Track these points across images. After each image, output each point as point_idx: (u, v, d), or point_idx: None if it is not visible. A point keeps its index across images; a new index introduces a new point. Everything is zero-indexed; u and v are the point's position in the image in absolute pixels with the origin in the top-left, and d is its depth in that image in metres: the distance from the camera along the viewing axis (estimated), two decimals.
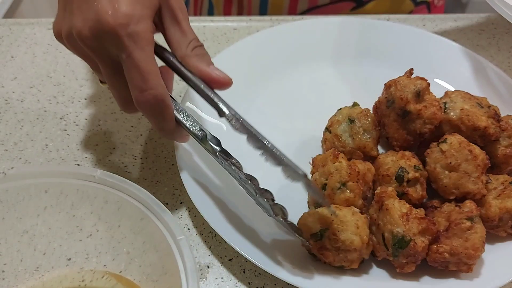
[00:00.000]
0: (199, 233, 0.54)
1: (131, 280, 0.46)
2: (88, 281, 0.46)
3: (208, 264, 0.52)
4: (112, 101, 0.68)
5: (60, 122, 0.65)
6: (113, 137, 0.64)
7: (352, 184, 0.50)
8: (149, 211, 0.43)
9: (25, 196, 0.45)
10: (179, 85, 0.70)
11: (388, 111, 0.56)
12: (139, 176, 0.60)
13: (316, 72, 0.71)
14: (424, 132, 0.54)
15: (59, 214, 0.46)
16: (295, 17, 0.80)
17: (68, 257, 0.47)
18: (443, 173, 0.51)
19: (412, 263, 0.47)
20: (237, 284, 0.50)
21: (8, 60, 0.73)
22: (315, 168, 0.54)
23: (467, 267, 0.47)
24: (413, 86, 0.53)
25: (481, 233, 0.47)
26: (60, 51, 0.75)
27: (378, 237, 0.48)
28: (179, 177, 0.59)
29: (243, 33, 0.78)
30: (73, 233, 0.46)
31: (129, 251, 0.46)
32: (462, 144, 0.51)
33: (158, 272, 0.44)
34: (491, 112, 0.55)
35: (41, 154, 0.62)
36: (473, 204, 0.49)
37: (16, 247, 0.45)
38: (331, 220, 0.47)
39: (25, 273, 0.46)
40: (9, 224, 0.45)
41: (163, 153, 0.62)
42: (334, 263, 0.47)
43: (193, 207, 0.56)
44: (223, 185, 0.56)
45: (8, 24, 0.79)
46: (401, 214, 0.47)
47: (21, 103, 0.67)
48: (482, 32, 0.78)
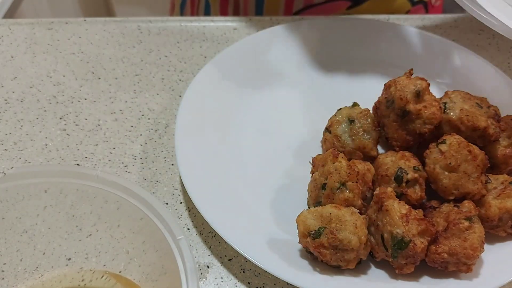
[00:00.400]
0: (199, 233, 0.55)
1: (131, 280, 0.46)
2: (87, 281, 0.46)
3: (208, 264, 0.52)
4: (112, 101, 0.68)
5: (60, 122, 0.65)
6: (113, 137, 0.64)
7: (352, 184, 0.50)
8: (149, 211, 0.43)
9: (25, 195, 0.45)
10: (179, 85, 0.70)
11: (388, 111, 0.56)
12: (139, 176, 0.60)
13: (316, 72, 0.71)
14: (423, 132, 0.54)
15: (59, 213, 0.46)
16: (295, 17, 0.81)
17: (68, 257, 0.47)
18: (442, 174, 0.51)
19: (411, 264, 0.47)
20: (236, 284, 0.50)
21: (8, 60, 0.73)
22: (315, 168, 0.54)
23: (466, 267, 0.47)
24: (412, 86, 0.53)
25: (480, 233, 0.47)
26: (60, 51, 0.75)
27: (377, 238, 0.48)
28: (179, 177, 0.59)
29: (243, 33, 0.78)
30: (73, 233, 0.46)
31: (129, 250, 0.46)
32: (461, 145, 0.51)
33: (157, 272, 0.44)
34: (491, 112, 0.55)
35: (40, 154, 0.62)
36: (472, 204, 0.49)
37: (15, 246, 0.45)
38: (330, 218, 0.47)
39: (25, 272, 0.46)
40: (9, 224, 0.45)
41: (163, 153, 0.62)
42: (331, 262, 0.47)
43: (193, 207, 0.56)
44: (223, 185, 0.56)
45: (8, 24, 0.79)
46: (401, 215, 0.47)
47: (21, 103, 0.67)
48: (481, 32, 0.78)
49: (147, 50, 0.75)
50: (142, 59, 0.74)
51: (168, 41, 0.76)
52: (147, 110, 0.67)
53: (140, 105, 0.68)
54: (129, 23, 0.79)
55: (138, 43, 0.76)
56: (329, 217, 0.47)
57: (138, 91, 0.70)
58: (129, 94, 0.69)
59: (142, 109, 0.67)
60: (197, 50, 0.75)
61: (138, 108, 0.67)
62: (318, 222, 0.47)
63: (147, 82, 0.71)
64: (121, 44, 0.76)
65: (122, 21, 0.80)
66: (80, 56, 0.74)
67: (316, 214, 0.48)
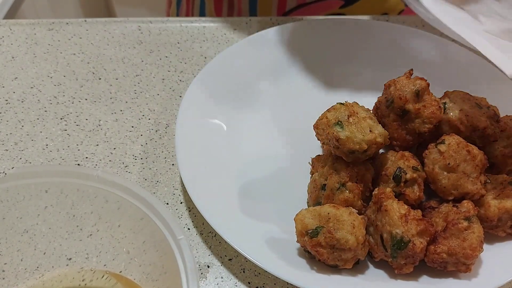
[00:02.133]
0: (199, 232, 0.55)
1: (131, 280, 0.46)
2: (88, 281, 0.46)
3: (208, 264, 0.52)
4: (112, 101, 0.68)
5: (61, 122, 0.65)
6: (113, 137, 0.64)
7: (351, 185, 0.50)
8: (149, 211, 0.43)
9: (26, 195, 0.45)
10: (180, 86, 0.71)
11: (387, 111, 0.56)
12: (140, 176, 0.60)
13: (317, 72, 0.71)
14: (423, 131, 0.54)
15: (59, 213, 0.46)
16: (295, 18, 0.81)
17: (68, 257, 0.47)
18: (441, 174, 0.51)
19: (411, 264, 0.47)
20: (237, 284, 0.51)
21: (8, 60, 0.73)
22: (314, 169, 0.54)
23: (465, 267, 0.47)
24: (412, 86, 0.54)
25: (479, 233, 0.47)
26: (61, 52, 0.75)
27: (376, 238, 0.48)
28: (179, 177, 0.59)
29: (243, 33, 0.78)
30: (73, 233, 0.47)
31: (129, 250, 0.46)
32: (460, 145, 0.51)
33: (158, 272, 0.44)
34: (490, 112, 0.55)
35: (41, 154, 0.62)
36: (471, 204, 0.49)
37: (16, 246, 0.45)
38: (327, 218, 0.47)
39: (25, 272, 0.46)
40: (10, 224, 0.45)
41: (163, 153, 0.62)
42: (328, 261, 0.47)
43: (193, 207, 0.57)
44: (223, 185, 0.56)
45: (8, 25, 0.79)
46: (400, 215, 0.47)
47: (21, 103, 0.68)
48: None
49: (147, 51, 0.75)
50: (143, 60, 0.74)
51: (168, 42, 0.77)
52: (148, 110, 0.67)
53: (141, 105, 0.68)
54: (130, 24, 0.79)
55: (139, 43, 0.77)
56: (327, 216, 0.47)
57: (139, 92, 0.70)
58: (129, 94, 0.69)
59: (143, 110, 0.67)
60: (197, 51, 0.75)
61: (139, 109, 0.67)
62: (316, 221, 0.47)
63: (147, 82, 0.71)
64: (122, 44, 0.76)
65: (122, 22, 0.80)
66: (80, 56, 0.74)
67: (314, 213, 0.48)
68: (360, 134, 0.49)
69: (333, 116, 0.51)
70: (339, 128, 0.49)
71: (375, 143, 0.49)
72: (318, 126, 0.52)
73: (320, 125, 0.52)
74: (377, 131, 0.50)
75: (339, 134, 0.49)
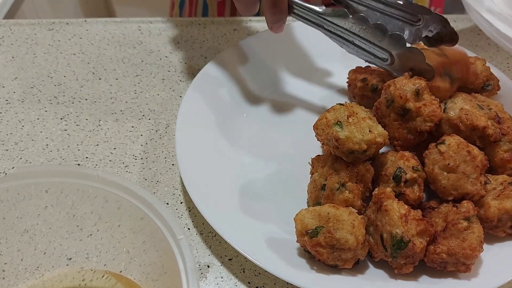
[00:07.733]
0: (199, 232, 0.55)
1: (131, 280, 0.46)
2: (88, 281, 0.46)
3: (208, 264, 0.52)
4: (112, 101, 0.68)
5: (61, 122, 0.66)
6: (113, 137, 0.64)
7: (351, 185, 0.50)
8: (149, 211, 0.43)
9: (26, 195, 0.45)
10: (180, 86, 0.71)
11: (388, 111, 0.56)
12: (140, 176, 0.60)
13: (318, 72, 0.71)
14: (424, 130, 0.54)
15: (60, 213, 0.46)
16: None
17: (69, 257, 0.47)
18: (441, 174, 0.51)
19: (410, 264, 0.47)
20: (236, 284, 0.51)
21: (8, 60, 0.73)
22: (314, 169, 0.54)
23: (465, 267, 0.47)
24: (412, 85, 0.54)
25: (479, 233, 0.47)
26: (61, 52, 0.75)
27: (376, 238, 0.48)
28: (179, 177, 0.59)
29: (243, 33, 0.78)
30: (74, 233, 0.47)
31: (129, 250, 0.46)
32: (460, 145, 0.51)
33: (158, 272, 0.44)
34: (492, 113, 0.55)
35: (41, 154, 0.62)
36: (470, 204, 0.49)
37: (16, 246, 0.45)
38: (327, 218, 0.47)
39: (26, 272, 0.46)
40: (10, 224, 0.45)
41: (163, 153, 0.62)
42: (328, 261, 0.47)
43: (193, 207, 0.57)
44: (224, 185, 0.56)
45: (9, 25, 0.79)
46: (400, 215, 0.47)
47: (21, 103, 0.68)
48: (481, 32, 0.78)
49: (147, 51, 0.75)
50: (143, 60, 0.74)
51: (168, 42, 0.77)
52: (148, 110, 0.67)
53: (141, 105, 0.68)
54: (130, 24, 0.80)
55: (139, 43, 0.77)
56: (327, 216, 0.47)
57: (139, 92, 0.70)
58: (129, 94, 0.69)
59: (143, 110, 0.67)
60: (197, 51, 0.75)
61: (139, 109, 0.67)
62: (316, 221, 0.47)
63: (147, 82, 0.71)
64: (122, 44, 0.76)
65: (122, 22, 0.80)
66: (80, 56, 0.74)
67: (314, 213, 0.48)
68: (360, 134, 0.49)
69: (333, 116, 0.51)
70: (339, 128, 0.49)
71: (374, 143, 0.50)
72: (318, 126, 0.52)
73: (319, 126, 0.52)
74: (377, 131, 0.50)
75: (339, 134, 0.49)
